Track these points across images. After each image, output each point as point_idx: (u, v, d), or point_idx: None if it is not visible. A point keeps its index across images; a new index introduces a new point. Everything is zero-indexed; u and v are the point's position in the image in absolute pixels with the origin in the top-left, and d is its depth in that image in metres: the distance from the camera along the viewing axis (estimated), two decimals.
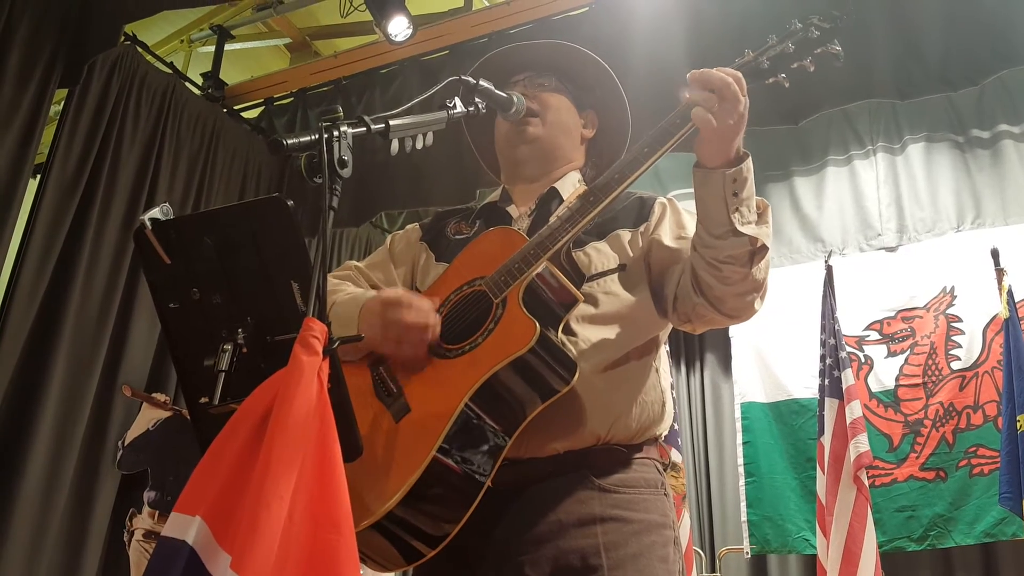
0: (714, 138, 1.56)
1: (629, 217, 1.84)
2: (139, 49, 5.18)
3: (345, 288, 1.88)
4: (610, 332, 1.69)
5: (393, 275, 1.99)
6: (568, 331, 1.66)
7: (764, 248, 1.59)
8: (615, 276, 1.74)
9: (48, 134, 4.76)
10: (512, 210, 1.93)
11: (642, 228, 1.81)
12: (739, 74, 1.56)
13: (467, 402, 1.52)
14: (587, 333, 1.68)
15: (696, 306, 1.68)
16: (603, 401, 1.64)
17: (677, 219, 1.82)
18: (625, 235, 1.80)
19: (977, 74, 4.14)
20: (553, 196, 1.89)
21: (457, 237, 1.93)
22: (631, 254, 1.78)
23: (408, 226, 2.10)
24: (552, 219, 1.67)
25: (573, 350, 1.64)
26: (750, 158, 1.58)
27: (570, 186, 1.91)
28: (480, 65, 2.00)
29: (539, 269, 1.62)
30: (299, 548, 1.08)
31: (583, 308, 1.68)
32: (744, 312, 1.68)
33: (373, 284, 1.98)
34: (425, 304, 1.64)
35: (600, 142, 2.04)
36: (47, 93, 4.50)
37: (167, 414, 4.70)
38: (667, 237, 1.78)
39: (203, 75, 5.89)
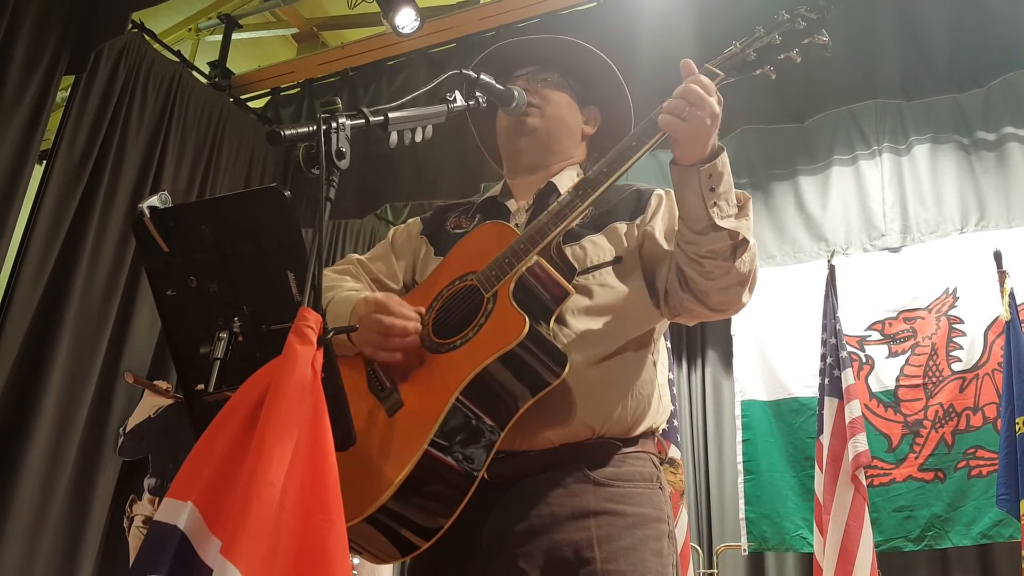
0: (686, 140, 1.58)
1: (626, 210, 1.84)
2: (146, 37, 5.19)
3: (343, 284, 1.89)
4: (604, 324, 1.70)
5: (395, 267, 2.00)
6: (562, 323, 1.67)
7: (746, 241, 1.60)
8: (610, 269, 1.75)
9: (54, 120, 4.76)
10: (511, 204, 1.94)
11: (638, 220, 1.82)
12: (710, 84, 1.59)
13: (458, 396, 1.53)
14: (581, 325, 1.68)
15: (683, 301, 1.69)
16: (596, 393, 1.65)
17: (672, 211, 1.81)
18: (621, 227, 1.81)
19: (984, 76, 4.13)
20: (551, 191, 1.89)
21: (456, 231, 1.94)
22: (627, 246, 1.78)
23: (410, 220, 2.10)
24: (543, 214, 1.68)
25: (565, 342, 1.64)
26: (724, 152, 1.59)
27: (568, 181, 1.90)
28: (484, 58, 2.00)
29: (529, 263, 1.62)
30: (289, 534, 1.09)
31: (578, 300, 1.69)
32: (731, 305, 1.70)
33: (374, 277, 1.99)
34: (408, 311, 1.64)
35: (602, 138, 2.04)
36: (54, 79, 4.50)
37: (169, 401, 4.71)
38: (660, 229, 1.79)
39: (210, 64, 5.89)
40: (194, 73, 5.58)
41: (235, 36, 6.04)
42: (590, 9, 5.07)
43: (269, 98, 6.18)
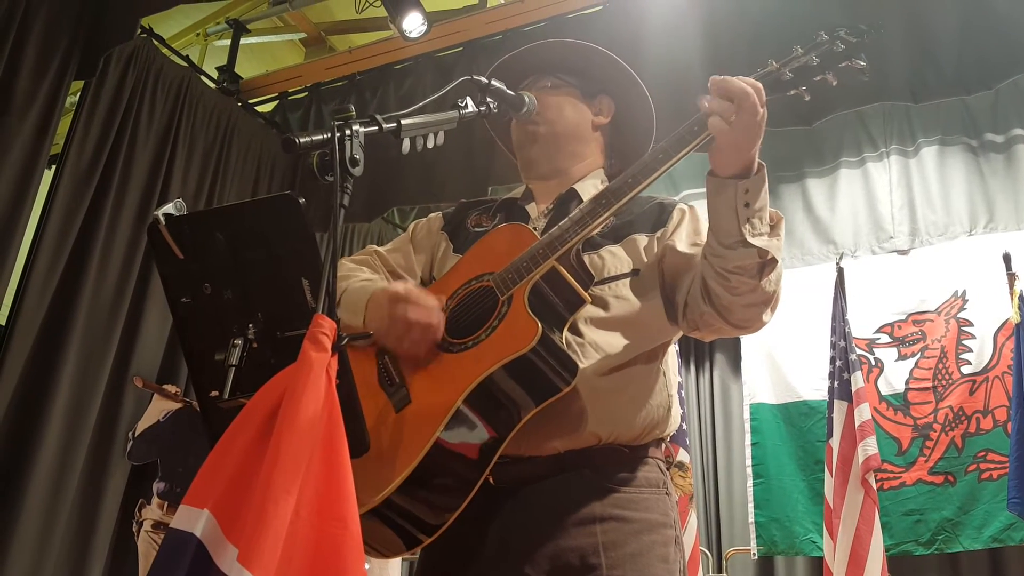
0: (729, 148, 1.53)
1: (647, 222, 1.82)
2: (155, 42, 5.21)
3: (359, 274, 1.88)
4: (618, 336, 1.69)
5: (413, 261, 1.99)
6: (576, 332, 1.66)
7: (774, 261, 1.56)
8: (627, 281, 1.73)
9: (64, 125, 4.79)
10: (531, 208, 1.92)
11: (659, 234, 1.79)
12: (759, 85, 1.52)
13: (465, 397, 1.53)
14: (594, 336, 1.67)
15: (704, 314, 1.66)
16: (605, 403, 1.63)
17: (695, 226, 1.79)
18: (642, 240, 1.78)
19: (992, 78, 4.13)
20: (572, 197, 1.88)
21: (476, 230, 1.93)
22: (646, 259, 1.76)
23: (431, 214, 2.09)
24: (564, 220, 1.66)
25: (578, 351, 1.63)
26: (765, 169, 1.55)
27: (591, 188, 1.88)
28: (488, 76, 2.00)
29: (547, 269, 1.61)
30: (305, 542, 1.09)
31: (592, 310, 1.68)
32: (752, 323, 1.66)
33: (391, 269, 1.98)
34: (431, 302, 1.63)
35: (621, 124, 2.02)
36: (63, 84, 4.52)
37: (178, 405, 4.72)
38: (682, 244, 1.76)
39: (218, 69, 5.92)
40: (202, 78, 5.60)
41: (243, 41, 6.07)
42: (596, 13, 5.07)
43: (277, 102, 6.20)
